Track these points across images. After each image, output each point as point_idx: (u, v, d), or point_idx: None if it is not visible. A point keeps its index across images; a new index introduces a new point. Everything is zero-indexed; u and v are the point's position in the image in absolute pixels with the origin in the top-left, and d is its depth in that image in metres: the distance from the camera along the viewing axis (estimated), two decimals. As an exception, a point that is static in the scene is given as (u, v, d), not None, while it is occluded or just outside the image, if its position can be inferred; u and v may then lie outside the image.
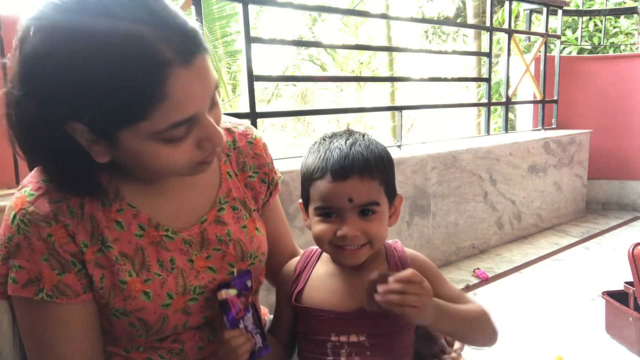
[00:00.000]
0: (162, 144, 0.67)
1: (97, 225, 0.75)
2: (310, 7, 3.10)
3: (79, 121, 0.65)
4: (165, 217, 0.81)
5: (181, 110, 0.65)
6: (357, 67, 11.08)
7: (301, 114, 9.98)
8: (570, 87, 4.18)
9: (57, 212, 0.72)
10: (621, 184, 4.21)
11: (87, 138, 0.67)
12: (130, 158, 0.70)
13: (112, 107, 0.63)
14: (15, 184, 1.62)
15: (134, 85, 0.61)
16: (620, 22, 6.53)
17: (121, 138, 0.66)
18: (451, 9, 9.60)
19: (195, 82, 0.66)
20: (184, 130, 0.68)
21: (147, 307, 0.76)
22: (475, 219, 3.10)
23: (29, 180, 0.76)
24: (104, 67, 0.60)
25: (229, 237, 0.85)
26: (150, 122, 0.64)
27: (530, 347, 1.96)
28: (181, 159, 0.70)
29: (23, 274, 0.71)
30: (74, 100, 0.63)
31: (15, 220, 0.71)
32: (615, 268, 2.72)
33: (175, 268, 0.79)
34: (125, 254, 0.76)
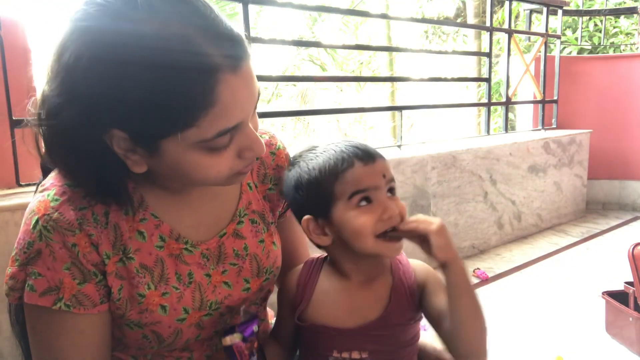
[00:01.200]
0: (204, 153, 0.65)
1: (120, 235, 0.73)
2: (310, 7, 3.10)
3: (121, 129, 0.62)
4: (186, 229, 0.78)
5: (229, 117, 0.63)
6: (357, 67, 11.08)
7: (301, 114, 9.98)
8: (570, 87, 4.18)
9: (82, 220, 0.69)
10: (621, 184, 4.21)
11: (125, 147, 0.64)
12: (168, 168, 0.67)
13: (160, 115, 0.60)
14: (15, 184, 1.62)
15: (183, 91, 0.59)
16: (620, 22, 6.53)
17: (163, 147, 0.63)
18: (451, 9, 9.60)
19: (243, 88, 0.64)
20: (228, 138, 0.65)
21: (162, 320, 0.75)
22: (475, 219, 3.10)
23: (51, 182, 0.72)
24: (153, 73, 0.58)
25: (245, 251, 0.83)
26: (197, 129, 0.62)
27: (530, 347, 1.96)
28: (223, 169, 0.68)
29: (42, 282, 0.68)
30: (120, 108, 0.60)
31: (37, 226, 0.68)
32: (615, 268, 2.72)
33: (192, 282, 0.78)
34: (146, 265, 0.74)
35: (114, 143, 0.64)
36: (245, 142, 0.68)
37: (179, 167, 0.66)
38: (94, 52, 0.58)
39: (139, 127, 0.62)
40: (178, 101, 0.59)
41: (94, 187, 0.69)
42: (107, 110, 0.60)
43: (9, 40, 1.58)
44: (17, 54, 1.67)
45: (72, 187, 0.70)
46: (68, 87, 0.61)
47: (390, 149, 2.91)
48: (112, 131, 0.63)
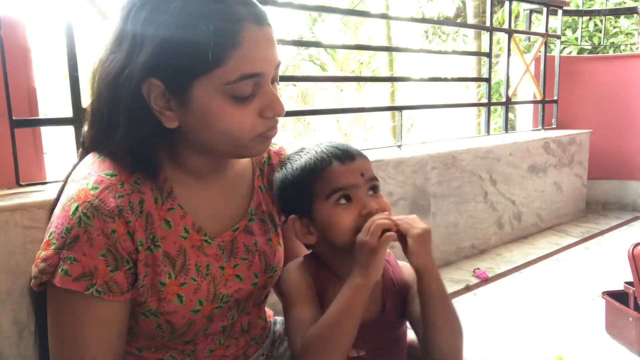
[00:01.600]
0: (229, 102, 0.71)
1: (151, 223, 0.76)
2: (310, 7, 3.10)
3: (157, 77, 0.69)
4: (206, 221, 0.82)
5: (251, 62, 0.70)
6: (357, 67, 11.09)
7: (301, 114, 10.00)
8: (570, 87, 4.18)
9: (122, 207, 0.72)
10: (621, 184, 4.21)
11: (161, 99, 0.71)
12: (198, 120, 0.72)
13: (191, 52, 0.68)
14: (15, 184, 1.62)
15: (212, 30, 0.67)
16: (620, 22, 6.53)
17: (194, 93, 0.70)
18: (451, 9, 9.60)
19: (265, 42, 0.72)
20: (251, 87, 0.72)
21: (178, 310, 0.77)
22: (475, 219, 3.10)
23: (87, 172, 0.75)
24: (187, 16, 0.68)
25: (255, 247, 0.87)
26: (224, 69, 0.69)
27: (530, 347, 1.96)
28: (245, 122, 0.73)
29: (77, 267, 0.70)
30: (158, 46, 0.68)
31: (77, 213, 0.70)
32: (615, 268, 2.72)
33: (209, 274, 0.80)
34: (169, 254, 0.77)
35: (151, 97, 0.71)
36: (266, 100, 0.74)
37: (207, 117, 0.72)
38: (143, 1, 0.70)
39: (172, 69, 0.69)
40: (207, 39, 0.67)
41: (128, 155, 0.73)
42: (147, 52, 0.69)
43: (9, 40, 1.58)
44: (17, 54, 1.67)
45: (109, 175, 0.74)
46: (118, 35, 0.72)
47: (390, 149, 2.91)
48: (149, 80, 0.70)
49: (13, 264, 1.36)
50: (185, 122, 0.73)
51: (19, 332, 1.38)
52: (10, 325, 1.38)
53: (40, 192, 1.57)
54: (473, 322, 2.17)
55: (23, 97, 1.70)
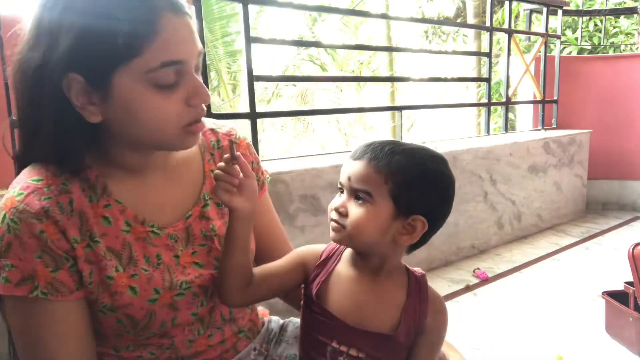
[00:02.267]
0: (153, 91, 0.70)
1: (85, 220, 0.75)
2: (310, 7, 3.10)
3: (76, 71, 0.68)
4: (151, 213, 0.82)
5: (171, 50, 0.70)
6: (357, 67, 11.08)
7: (301, 114, 9.99)
8: (570, 87, 4.18)
9: (48, 208, 0.72)
10: (621, 184, 4.21)
11: (82, 94, 0.70)
12: (121, 112, 0.71)
13: (108, 42, 0.67)
14: (15, 184, 1.62)
15: (130, 20, 0.67)
16: (620, 22, 6.53)
17: (115, 84, 0.69)
18: (451, 9, 9.60)
19: (184, 30, 0.72)
20: (173, 75, 0.71)
21: (133, 302, 0.77)
22: (475, 219, 3.10)
23: (16, 182, 0.76)
24: (103, 6, 0.67)
25: (213, 232, 0.87)
26: (143, 58, 0.68)
27: (530, 347, 1.96)
28: (172, 111, 0.73)
29: (16, 273, 0.71)
30: (75, 38, 0.67)
31: (5, 220, 0.71)
32: (615, 268, 2.72)
33: (161, 263, 0.80)
34: (113, 248, 0.77)
35: (72, 93, 0.70)
36: (191, 88, 0.74)
37: (131, 109, 0.71)
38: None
39: (91, 60, 0.68)
40: (124, 28, 0.67)
41: (52, 155, 0.74)
42: (65, 46, 0.67)
43: (9, 40, 1.58)
44: (17, 54, 1.67)
45: (35, 181, 0.74)
46: (34, 33, 0.71)
47: (390, 149, 2.91)
48: (69, 75, 0.69)
49: (13, 264, 1.36)
50: (109, 116, 0.72)
51: (9, 342, 1.38)
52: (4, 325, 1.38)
53: (40, 192, 1.57)
54: (473, 322, 2.17)
55: (23, 97, 1.70)
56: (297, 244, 1.03)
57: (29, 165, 0.78)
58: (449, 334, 0.86)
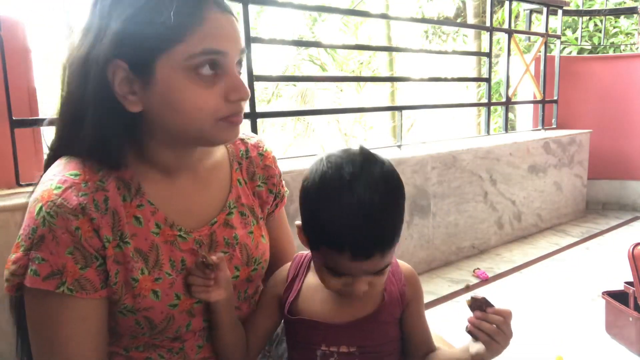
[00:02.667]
0: (193, 80, 0.72)
1: (118, 220, 0.76)
2: (310, 7, 3.10)
3: (121, 57, 0.70)
4: (179, 217, 0.82)
5: (213, 39, 0.72)
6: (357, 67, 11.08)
7: (301, 114, 9.99)
8: (570, 87, 4.18)
9: (85, 205, 0.72)
10: (621, 184, 4.21)
11: (125, 83, 0.72)
12: (161, 100, 0.72)
13: (154, 29, 0.69)
14: (15, 184, 1.62)
15: (175, 9, 0.69)
16: (620, 22, 6.53)
17: (157, 71, 0.71)
18: (451, 9, 9.60)
19: (228, 25, 0.74)
20: (214, 66, 0.73)
21: (155, 306, 0.77)
22: (475, 219, 3.10)
23: (52, 174, 0.76)
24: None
25: (236, 240, 0.87)
26: (186, 44, 0.70)
27: (530, 347, 1.96)
28: (210, 102, 0.73)
29: (45, 267, 0.71)
30: (122, 26, 0.69)
31: (41, 213, 0.71)
32: (615, 268, 2.72)
33: (185, 269, 0.80)
34: (141, 250, 0.77)
35: (115, 81, 0.71)
36: (230, 83, 0.75)
37: (170, 96, 0.72)
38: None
39: (136, 47, 0.70)
40: (168, 16, 0.69)
41: (93, 148, 0.74)
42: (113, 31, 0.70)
43: (9, 40, 1.58)
44: (17, 54, 1.67)
45: (73, 176, 0.74)
46: (87, 27, 0.73)
47: (390, 149, 2.91)
48: (114, 62, 0.70)
49: (13, 264, 1.36)
50: (149, 105, 0.73)
51: (17, 338, 1.38)
52: (10, 325, 1.38)
53: (40, 192, 1.57)
54: (473, 322, 2.17)
55: (23, 97, 1.70)
56: (297, 243, 1.03)
57: (61, 158, 0.79)
58: (448, 333, 0.86)
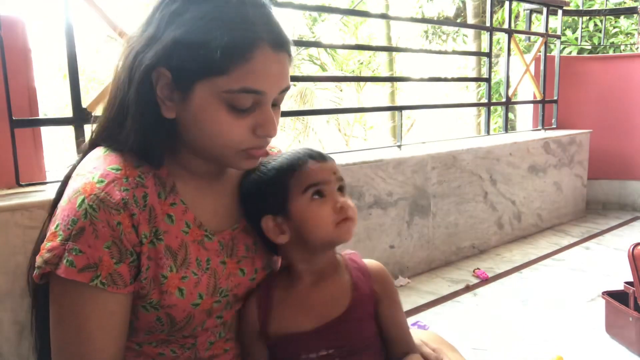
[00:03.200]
0: (226, 109, 0.74)
1: (154, 217, 0.77)
2: (310, 7, 3.10)
3: (167, 67, 0.73)
4: (206, 218, 0.84)
5: (256, 79, 0.73)
6: (357, 67, 11.08)
7: (301, 114, 10.00)
8: (570, 87, 4.18)
9: (127, 200, 0.74)
10: (621, 184, 4.21)
11: (166, 89, 0.74)
12: (192, 117, 0.75)
13: (204, 54, 0.71)
14: (15, 184, 1.62)
15: (226, 40, 0.71)
16: (620, 22, 6.53)
17: (196, 91, 0.73)
18: (451, 9, 9.60)
19: (275, 66, 0.75)
20: (250, 102, 0.75)
21: (178, 304, 0.78)
22: (475, 219, 3.10)
23: (93, 166, 0.77)
24: (209, 20, 0.72)
25: (255, 247, 0.89)
26: (227, 78, 0.72)
27: (531, 347, 1.96)
28: (236, 132, 0.76)
29: (82, 259, 0.71)
30: (174, 40, 0.72)
31: (83, 205, 0.72)
32: (615, 268, 2.72)
33: (209, 269, 0.82)
34: (171, 248, 0.79)
35: (158, 84, 0.74)
36: (261, 119, 0.77)
37: (202, 117, 0.75)
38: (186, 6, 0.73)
39: (181, 64, 0.73)
40: (221, 46, 0.71)
41: (135, 144, 0.76)
42: (167, 41, 0.72)
43: (9, 40, 1.58)
44: (17, 54, 1.67)
45: (115, 170, 0.76)
46: (146, 25, 0.76)
47: (390, 149, 2.91)
48: (159, 69, 0.73)
49: (13, 264, 1.36)
50: (182, 116, 0.76)
51: (19, 332, 1.38)
52: (11, 325, 1.38)
53: (40, 192, 1.57)
54: (473, 322, 2.17)
55: (23, 97, 1.70)
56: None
57: (98, 148, 0.81)
58: (448, 333, 0.86)
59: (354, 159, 2.47)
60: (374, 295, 0.86)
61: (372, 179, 2.49)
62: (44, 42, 9.33)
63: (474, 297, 2.45)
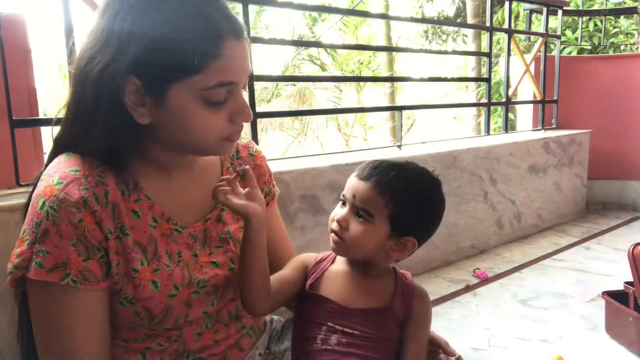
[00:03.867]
0: (204, 107, 0.76)
1: (118, 213, 0.79)
2: (310, 7, 3.10)
3: (137, 76, 0.73)
4: (175, 212, 0.86)
5: (228, 72, 0.76)
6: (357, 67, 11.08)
7: (301, 114, 10.00)
8: (570, 87, 4.18)
9: (87, 198, 0.75)
10: (621, 184, 4.21)
11: (134, 95, 0.74)
12: (171, 119, 0.77)
13: (176, 57, 0.73)
14: (15, 184, 1.62)
15: (197, 40, 0.73)
16: (620, 22, 6.53)
17: (171, 93, 0.75)
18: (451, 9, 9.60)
19: (241, 54, 0.78)
20: (224, 94, 0.77)
21: (154, 296, 0.80)
22: (475, 219, 3.10)
23: (52, 170, 0.78)
24: (175, 23, 0.72)
25: (229, 234, 0.91)
26: (202, 76, 0.74)
27: (531, 347, 1.96)
28: (216, 126, 0.78)
29: (50, 259, 0.73)
30: (145, 48, 0.72)
31: (44, 207, 0.73)
32: (615, 268, 2.73)
33: (181, 261, 0.84)
34: (139, 242, 0.80)
35: (125, 92, 0.74)
36: (236, 107, 0.80)
37: (180, 118, 0.76)
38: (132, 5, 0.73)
39: (155, 71, 0.73)
40: (192, 47, 0.72)
41: (102, 151, 0.77)
42: (134, 53, 0.72)
43: (9, 40, 1.58)
44: (17, 54, 1.67)
45: (73, 172, 0.77)
46: (108, 38, 0.74)
47: (390, 149, 2.91)
48: (129, 77, 0.73)
49: (13, 264, 1.36)
50: (159, 120, 0.77)
51: (19, 332, 1.38)
52: (10, 325, 1.38)
53: (40, 192, 1.57)
54: (473, 322, 2.17)
55: (23, 97, 1.70)
56: (297, 244, 1.04)
57: (60, 155, 0.81)
58: (448, 333, 0.87)
59: (354, 159, 2.47)
60: (409, 308, 0.90)
61: (372, 179, 2.49)
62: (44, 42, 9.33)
63: (474, 297, 2.45)
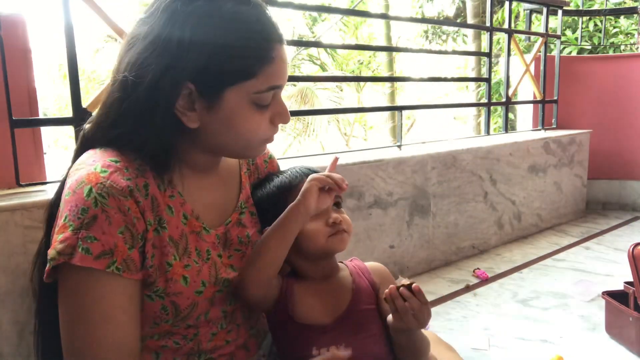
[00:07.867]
0: (253, 109, 0.80)
1: (157, 206, 0.81)
2: (310, 7, 3.10)
3: (193, 81, 0.76)
4: (202, 211, 0.88)
5: (277, 76, 0.81)
6: (357, 67, 11.08)
7: (301, 114, 9.99)
8: (570, 87, 4.18)
9: (132, 188, 0.77)
10: (621, 184, 4.21)
11: (186, 101, 0.78)
12: (220, 122, 0.80)
13: (236, 64, 0.77)
14: (15, 184, 1.62)
15: (255, 46, 0.78)
16: (620, 22, 6.54)
17: (225, 98, 0.78)
18: (451, 9, 9.60)
19: (285, 58, 0.83)
20: (271, 97, 0.82)
21: (183, 291, 0.81)
22: (475, 219, 3.10)
23: (92, 160, 0.79)
24: (235, 32, 0.77)
25: (248, 239, 0.93)
26: (256, 80, 0.79)
27: (531, 347, 1.96)
28: (260, 127, 0.83)
29: (97, 246, 0.73)
30: (206, 55, 0.75)
31: (91, 194, 0.73)
32: (615, 268, 2.72)
33: (210, 259, 0.86)
34: (172, 237, 0.82)
35: (180, 98, 0.77)
36: (278, 109, 0.85)
37: (231, 120, 0.80)
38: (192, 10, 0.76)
39: (214, 76, 0.77)
40: (251, 52, 0.78)
41: (152, 153, 0.79)
42: (195, 59, 0.75)
43: (9, 40, 1.58)
44: (17, 54, 1.67)
45: (115, 162, 0.78)
46: (163, 43, 0.76)
47: (390, 149, 2.91)
48: (185, 83, 0.76)
49: (13, 264, 1.36)
50: (207, 123, 0.80)
51: (19, 332, 1.38)
52: (11, 325, 1.38)
53: (40, 192, 1.57)
54: (473, 322, 2.17)
55: (23, 97, 1.70)
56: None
57: (94, 149, 0.82)
58: (448, 333, 0.87)
59: (354, 159, 2.47)
60: (374, 285, 0.93)
61: (372, 179, 2.49)
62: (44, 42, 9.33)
63: (474, 297, 2.45)
